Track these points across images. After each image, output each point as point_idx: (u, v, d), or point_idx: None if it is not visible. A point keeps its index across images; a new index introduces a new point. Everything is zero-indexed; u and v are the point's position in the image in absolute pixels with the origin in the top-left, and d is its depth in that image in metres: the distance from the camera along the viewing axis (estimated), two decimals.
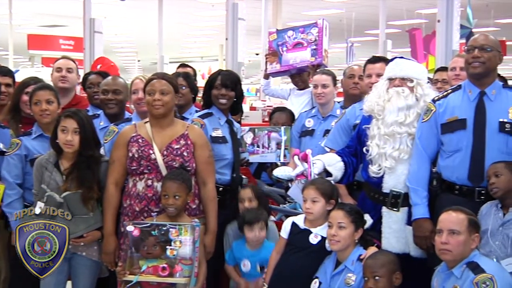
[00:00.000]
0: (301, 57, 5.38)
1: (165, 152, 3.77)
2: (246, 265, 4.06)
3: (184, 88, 4.64)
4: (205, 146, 3.90)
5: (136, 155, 3.77)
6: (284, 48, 5.56)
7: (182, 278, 3.46)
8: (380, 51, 12.39)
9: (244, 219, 4.04)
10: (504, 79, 4.58)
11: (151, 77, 3.89)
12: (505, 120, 3.54)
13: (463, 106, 3.62)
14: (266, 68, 6.10)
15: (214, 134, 4.26)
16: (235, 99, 4.43)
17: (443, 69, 5.17)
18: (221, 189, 4.17)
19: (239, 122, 5.01)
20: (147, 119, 3.91)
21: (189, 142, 3.82)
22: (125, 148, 3.81)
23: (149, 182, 3.76)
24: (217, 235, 3.93)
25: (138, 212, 3.74)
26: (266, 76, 6.25)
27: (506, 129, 3.53)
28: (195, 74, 5.59)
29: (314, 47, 5.32)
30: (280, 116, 5.15)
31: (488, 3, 14.21)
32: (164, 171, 3.75)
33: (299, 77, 5.91)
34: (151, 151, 3.76)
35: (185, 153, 3.79)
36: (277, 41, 5.61)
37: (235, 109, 4.54)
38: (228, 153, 4.32)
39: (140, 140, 3.80)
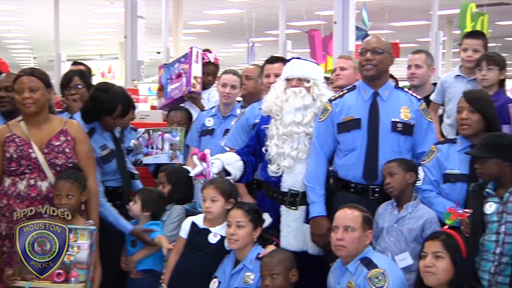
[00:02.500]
0: (178, 87, 5.35)
1: (45, 150, 3.65)
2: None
3: (80, 87, 4.52)
4: (85, 141, 3.82)
5: (14, 155, 3.63)
6: (170, 81, 5.49)
7: (78, 283, 3.37)
8: (280, 52, 12.53)
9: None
10: (395, 79, 4.77)
11: (19, 73, 3.75)
12: (397, 120, 3.67)
13: (358, 106, 3.72)
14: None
15: (103, 154, 4.17)
16: None
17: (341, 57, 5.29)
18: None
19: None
20: (20, 117, 3.76)
21: (69, 137, 3.72)
22: (0, 149, 3.67)
23: (32, 181, 3.64)
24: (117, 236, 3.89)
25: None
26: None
27: (398, 129, 3.66)
28: (89, 72, 5.45)
29: (188, 75, 5.30)
30: (176, 115, 5.10)
31: (383, 6, 14.69)
32: (47, 170, 3.64)
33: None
34: (30, 150, 3.64)
35: (66, 150, 3.69)
36: (165, 75, 5.53)
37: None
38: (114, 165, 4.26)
39: (17, 140, 3.66)
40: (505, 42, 20.30)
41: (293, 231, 3.78)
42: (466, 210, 3.34)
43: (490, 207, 3.30)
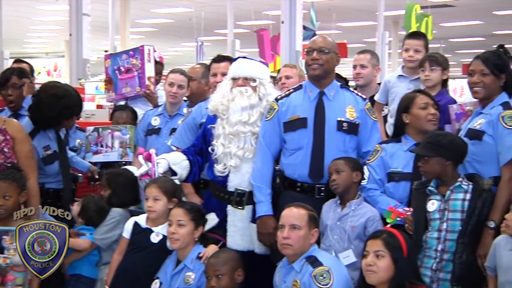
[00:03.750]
0: (131, 85, 5.26)
1: None
2: None
3: (18, 86, 4.44)
4: (25, 141, 3.75)
5: None
6: (118, 73, 5.37)
7: (14, 287, 3.30)
8: (229, 51, 12.55)
9: None
10: (344, 79, 4.82)
11: None
12: (343, 119, 3.70)
13: (304, 105, 3.74)
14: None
15: (45, 155, 4.09)
16: None
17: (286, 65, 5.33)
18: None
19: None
20: None
21: (8, 137, 3.65)
22: None
23: None
24: None
25: None
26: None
27: (344, 128, 3.69)
28: (31, 71, 5.33)
29: (140, 75, 5.22)
30: (121, 115, 5.03)
31: (330, 7, 14.84)
32: None
33: None
34: None
35: (5, 149, 3.63)
36: (112, 66, 5.41)
37: None
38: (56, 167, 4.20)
39: None
40: (448, 43, 20.78)
41: (240, 230, 3.77)
42: (406, 208, 3.40)
43: (432, 205, 3.37)
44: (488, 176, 3.38)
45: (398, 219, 3.33)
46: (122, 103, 5.35)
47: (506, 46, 3.94)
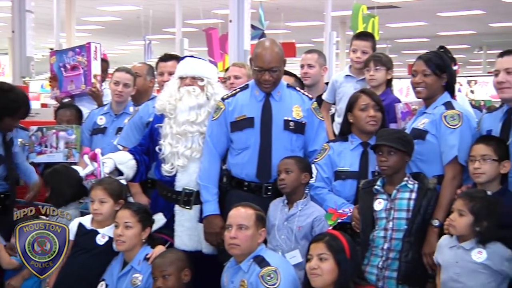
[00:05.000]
0: (76, 83, 5.16)
1: None
2: None
3: None
4: None
5: None
6: (64, 71, 5.26)
7: None
8: (177, 50, 12.48)
9: None
10: (299, 79, 4.82)
11: None
12: (289, 119, 3.71)
13: (251, 105, 3.73)
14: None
15: None
16: None
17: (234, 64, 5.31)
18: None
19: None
20: None
21: None
22: None
23: None
24: None
25: None
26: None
27: (290, 127, 3.70)
28: None
29: (86, 72, 5.13)
30: (65, 113, 4.93)
31: (279, 6, 14.89)
32: None
33: None
34: None
35: None
36: (58, 63, 5.30)
37: None
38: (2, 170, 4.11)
39: None
40: (394, 43, 21.13)
41: (187, 230, 3.75)
42: (346, 209, 3.43)
43: (379, 204, 3.40)
44: (432, 175, 3.43)
45: (339, 220, 3.36)
46: (69, 100, 5.24)
47: (449, 47, 4.01)
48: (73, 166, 4.26)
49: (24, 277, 3.79)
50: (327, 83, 5.04)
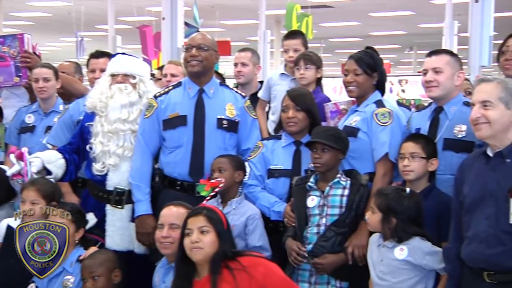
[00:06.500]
0: (5, 75, 4.95)
1: None
2: None
3: None
4: None
5: None
6: None
7: None
8: (110, 47, 12.27)
9: None
10: (221, 76, 4.82)
11: None
12: (223, 117, 3.70)
13: (183, 102, 3.71)
14: None
15: None
16: None
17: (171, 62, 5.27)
18: None
19: None
20: None
21: None
22: None
23: None
24: None
25: None
26: None
27: (223, 125, 3.70)
28: None
29: (18, 64, 4.94)
30: None
31: (214, 4, 14.85)
32: None
33: None
34: None
35: None
36: None
37: None
38: None
39: None
40: (328, 42, 21.40)
41: (119, 230, 3.71)
42: (218, 178, 3.46)
43: (312, 201, 3.43)
44: (364, 172, 3.49)
45: (215, 190, 3.43)
46: None
47: (381, 47, 4.08)
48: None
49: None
50: (260, 82, 5.06)
